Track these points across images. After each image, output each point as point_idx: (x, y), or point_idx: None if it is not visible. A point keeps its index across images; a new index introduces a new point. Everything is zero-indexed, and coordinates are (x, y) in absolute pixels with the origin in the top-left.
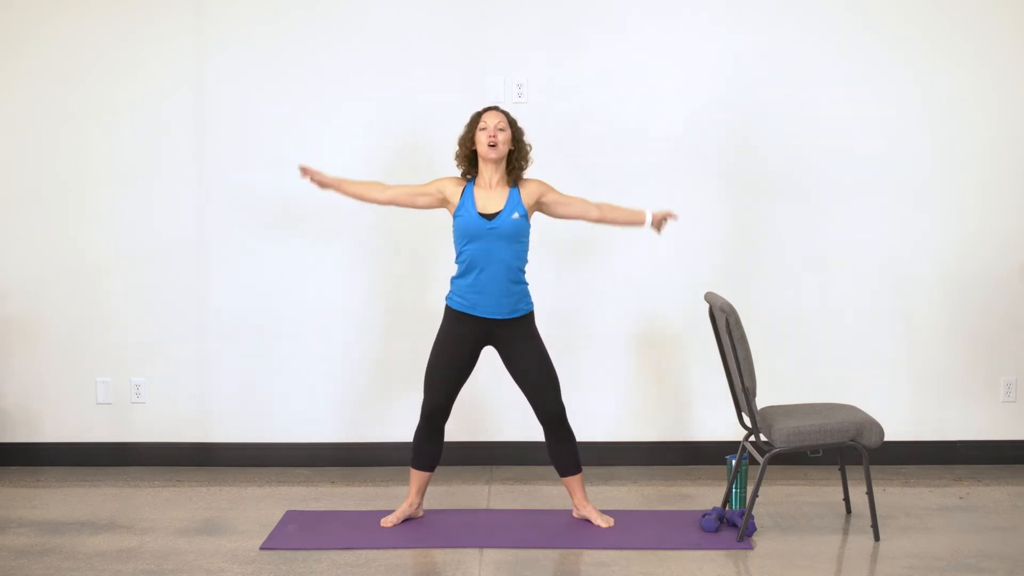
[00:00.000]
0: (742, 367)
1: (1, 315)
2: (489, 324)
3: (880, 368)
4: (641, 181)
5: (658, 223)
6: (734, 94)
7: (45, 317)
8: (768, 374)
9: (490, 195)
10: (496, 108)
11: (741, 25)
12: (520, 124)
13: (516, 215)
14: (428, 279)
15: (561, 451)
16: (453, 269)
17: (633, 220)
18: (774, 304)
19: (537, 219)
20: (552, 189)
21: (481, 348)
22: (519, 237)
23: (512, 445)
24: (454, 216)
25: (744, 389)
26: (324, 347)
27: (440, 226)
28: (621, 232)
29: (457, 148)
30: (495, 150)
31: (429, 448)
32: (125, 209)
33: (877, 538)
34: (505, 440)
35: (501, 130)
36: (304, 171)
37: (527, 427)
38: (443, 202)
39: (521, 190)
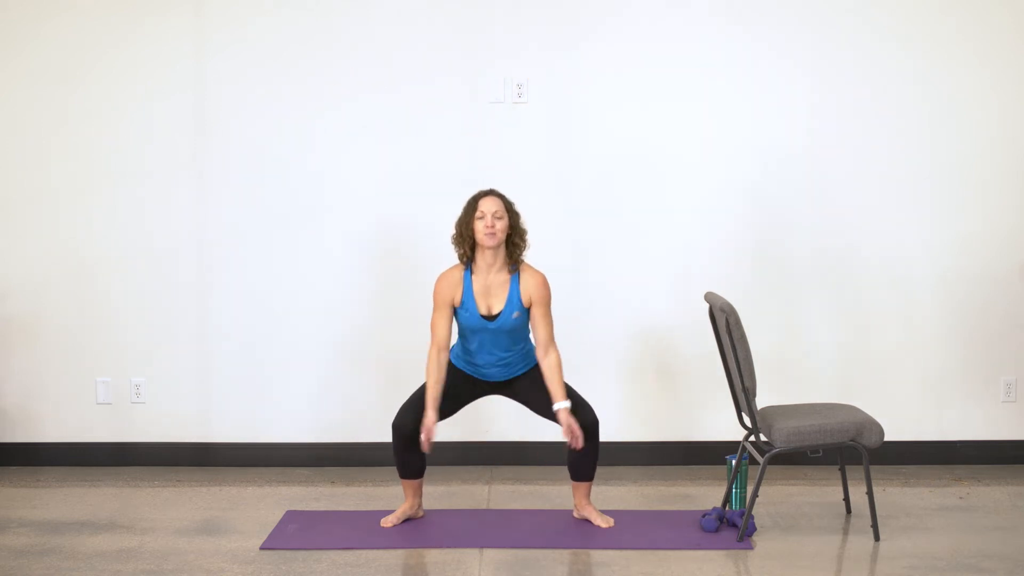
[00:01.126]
0: (742, 367)
1: (1, 315)
2: (490, 383)
3: (880, 368)
4: (641, 181)
5: (567, 423)
6: (734, 93)
7: (45, 317)
8: (768, 374)
9: (489, 286)
10: (492, 193)
11: (741, 25)
12: (515, 207)
13: (516, 314)
14: (428, 279)
15: (585, 460)
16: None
17: (552, 392)
18: (774, 304)
19: (538, 218)
20: (542, 300)
21: (479, 398)
22: (520, 327)
23: (512, 445)
24: (457, 310)
25: (744, 389)
26: (324, 347)
27: (439, 227)
28: (620, 232)
29: (454, 231)
30: (493, 238)
31: (410, 457)
32: (125, 209)
33: (877, 538)
34: (505, 440)
35: (499, 219)
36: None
37: (527, 427)
38: (453, 306)
39: (521, 283)
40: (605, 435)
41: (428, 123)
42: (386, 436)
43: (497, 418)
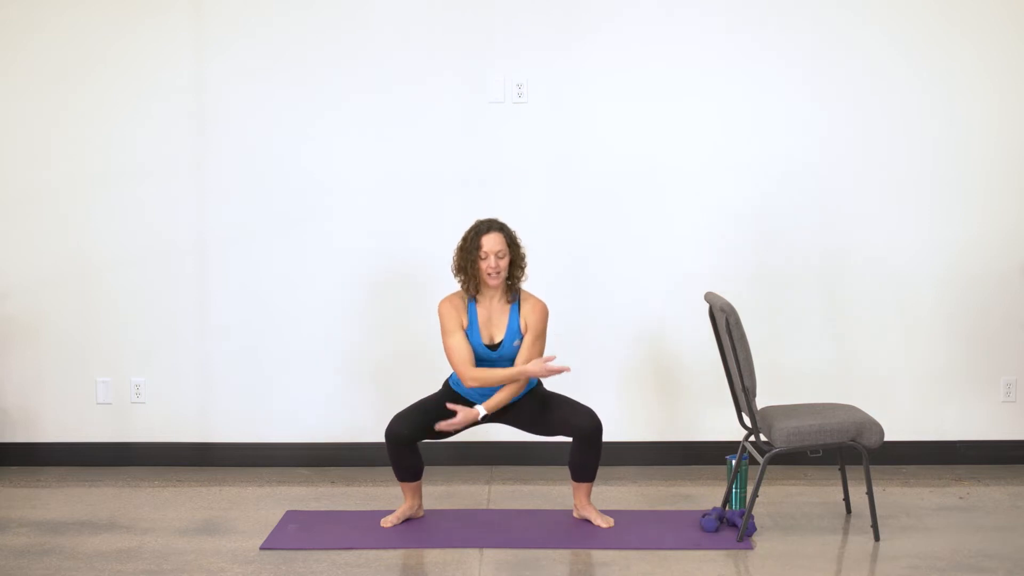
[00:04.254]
0: (742, 367)
1: (1, 315)
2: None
3: (880, 368)
4: (641, 180)
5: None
6: (734, 95)
7: (45, 317)
8: (768, 374)
9: (492, 316)
10: (493, 228)
11: (741, 28)
12: (517, 237)
13: (517, 343)
14: (428, 279)
15: (587, 461)
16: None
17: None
18: (774, 304)
19: (538, 218)
20: (536, 329)
21: (482, 424)
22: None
23: (512, 445)
24: None
25: (744, 389)
26: (324, 347)
27: (440, 227)
28: (621, 232)
29: (455, 261)
30: (497, 279)
31: (406, 461)
32: (125, 209)
33: (877, 538)
34: (505, 440)
35: (502, 258)
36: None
37: None
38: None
39: (521, 312)
40: (606, 435)
41: (428, 123)
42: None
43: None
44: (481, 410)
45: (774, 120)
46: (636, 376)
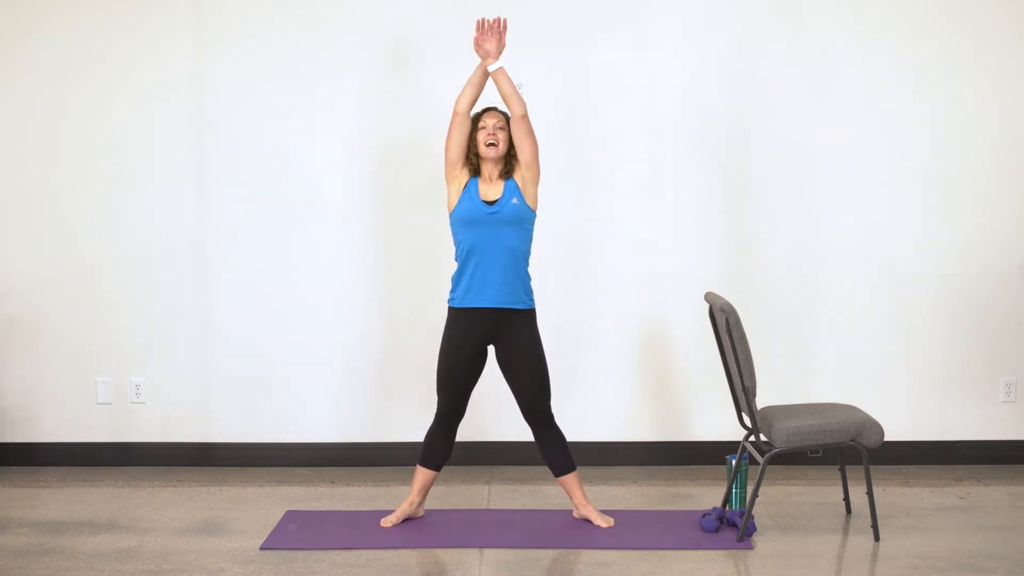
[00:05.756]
0: (742, 367)
1: (1, 315)
2: (491, 319)
3: (880, 368)
4: (641, 181)
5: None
6: (735, 95)
7: (45, 317)
8: (768, 374)
9: (490, 186)
10: (494, 108)
11: (742, 26)
12: None
13: (515, 200)
14: (428, 278)
15: (552, 450)
16: (453, 267)
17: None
18: (774, 304)
19: (538, 220)
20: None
21: (487, 345)
22: (521, 223)
23: (512, 445)
24: (457, 203)
25: (744, 389)
26: (324, 347)
27: (440, 224)
28: (621, 232)
29: None
30: (495, 149)
31: (441, 448)
32: (125, 209)
33: (877, 538)
34: (505, 440)
35: (500, 129)
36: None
37: (527, 427)
38: (460, 160)
39: (514, 175)
40: (606, 435)
41: (428, 123)
42: (386, 436)
43: (497, 418)
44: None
45: (774, 120)
46: (636, 376)
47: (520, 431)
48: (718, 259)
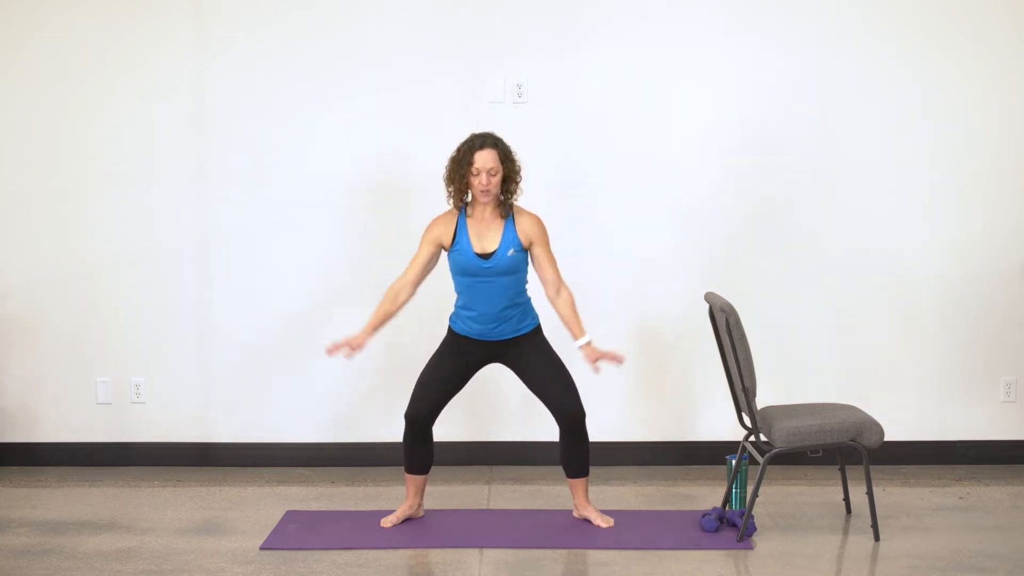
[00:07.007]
0: (742, 367)
1: (1, 315)
2: (491, 347)
3: (880, 368)
4: (640, 181)
5: (594, 357)
6: (736, 95)
7: (45, 317)
8: (768, 374)
9: (484, 229)
10: (487, 144)
11: (742, 26)
12: (511, 152)
13: (512, 251)
14: (430, 280)
15: (574, 454)
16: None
17: (571, 330)
18: (774, 304)
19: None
20: (542, 239)
21: (483, 367)
22: (516, 270)
23: (512, 445)
24: (449, 252)
25: (744, 389)
26: (323, 347)
27: None
28: (621, 232)
29: (447, 174)
30: (488, 195)
31: (420, 451)
32: (125, 209)
33: (877, 538)
34: (505, 440)
35: (494, 175)
36: (335, 348)
37: (527, 427)
38: (441, 247)
39: (517, 224)
40: (606, 435)
41: (428, 123)
42: (386, 436)
43: (497, 418)
44: (583, 340)
45: (775, 120)
46: (636, 376)
47: (520, 431)
48: (718, 259)
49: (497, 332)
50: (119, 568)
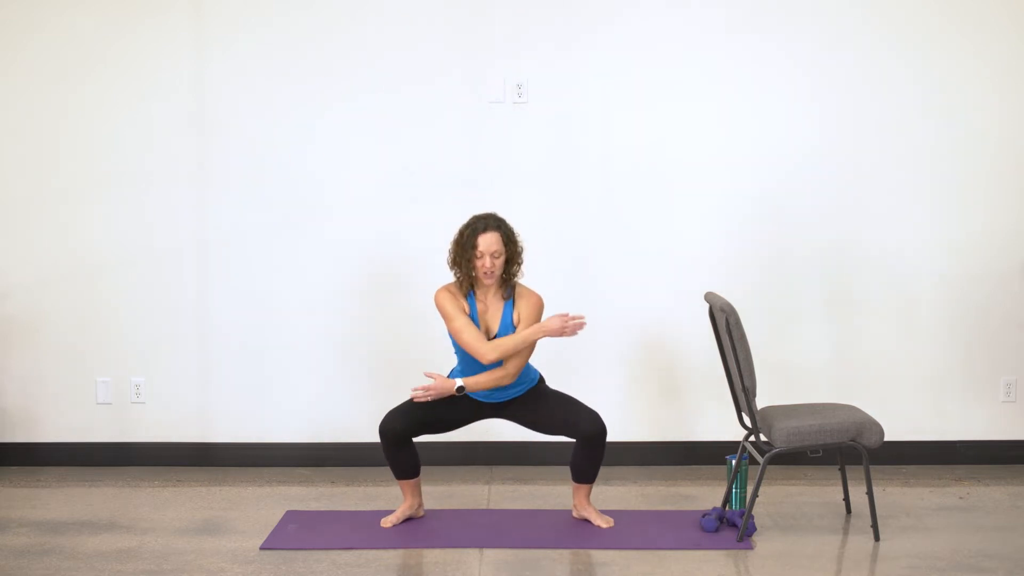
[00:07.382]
0: (742, 367)
1: (1, 315)
2: (495, 405)
3: (880, 368)
4: (642, 181)
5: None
6: (734, 96)
7: (45, 317)
8: (768, 374)
9: (488, 309)
10: (490, 227)
11: (742, 26)
12: (515, 234)
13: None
14: (429, 280)
15: (589, 463)
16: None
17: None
18: (774, 304)
19: (538, 218)
20: (531, 317)
21: (480, 419)
22: None
23: (512, 445)
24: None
25: (744, 389)
26: (324, 347)
27: (439, 227)
28: (621, 232)
29: (451, 257)
30: (492, 278)
31: (402, 457)
32: (125, 209)
33: (877, 538)
34: (505, 440)
35: (497, 259)
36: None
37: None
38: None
39: (516, 306)
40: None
41: (428, 123)
42: None
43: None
44: (458, 382)
45: (775, 120)
46: (636, 376)
47: (520, 431)
48: (718, 259)
49: (497, 395)
50: (119, 568)
